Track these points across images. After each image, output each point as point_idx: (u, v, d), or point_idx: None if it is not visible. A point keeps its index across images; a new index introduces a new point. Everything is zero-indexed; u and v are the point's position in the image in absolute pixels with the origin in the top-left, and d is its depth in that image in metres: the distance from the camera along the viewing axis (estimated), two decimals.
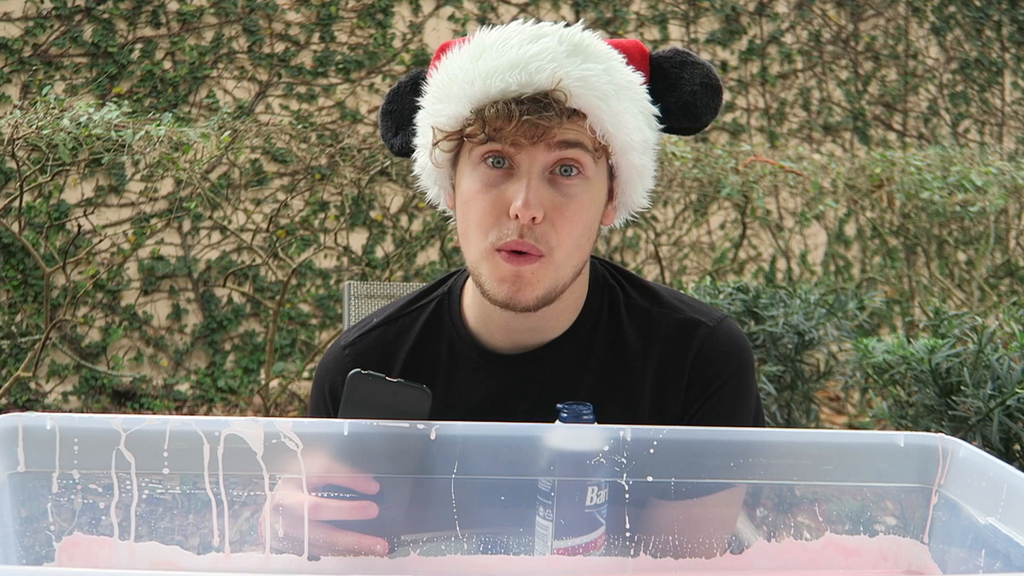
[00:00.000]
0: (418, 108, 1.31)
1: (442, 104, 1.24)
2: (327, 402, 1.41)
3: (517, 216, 1.20)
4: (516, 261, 1.23)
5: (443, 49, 1.31)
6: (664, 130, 1.32)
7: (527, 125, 1.18)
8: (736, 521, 1.18)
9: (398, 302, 1.44)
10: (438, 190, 1.34)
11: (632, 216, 1.38)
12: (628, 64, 1.27)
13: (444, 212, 1.38)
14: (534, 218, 1.21)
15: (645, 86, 1.28)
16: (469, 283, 1.38)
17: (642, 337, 1.37)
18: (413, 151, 1.34)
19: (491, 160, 1.23)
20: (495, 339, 1.36)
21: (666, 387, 1.35)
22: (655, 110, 1.29)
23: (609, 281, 1.40)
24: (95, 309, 4.44)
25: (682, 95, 1.31)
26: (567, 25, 1.26)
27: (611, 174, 1.29)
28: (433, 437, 1.08)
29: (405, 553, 1.09)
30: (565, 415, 1.13)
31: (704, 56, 5.52)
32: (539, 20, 1.28)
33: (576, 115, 1.20)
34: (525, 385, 1.35)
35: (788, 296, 2.83)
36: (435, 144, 1.26)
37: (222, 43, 4.67)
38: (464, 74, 1.22)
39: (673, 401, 1.35)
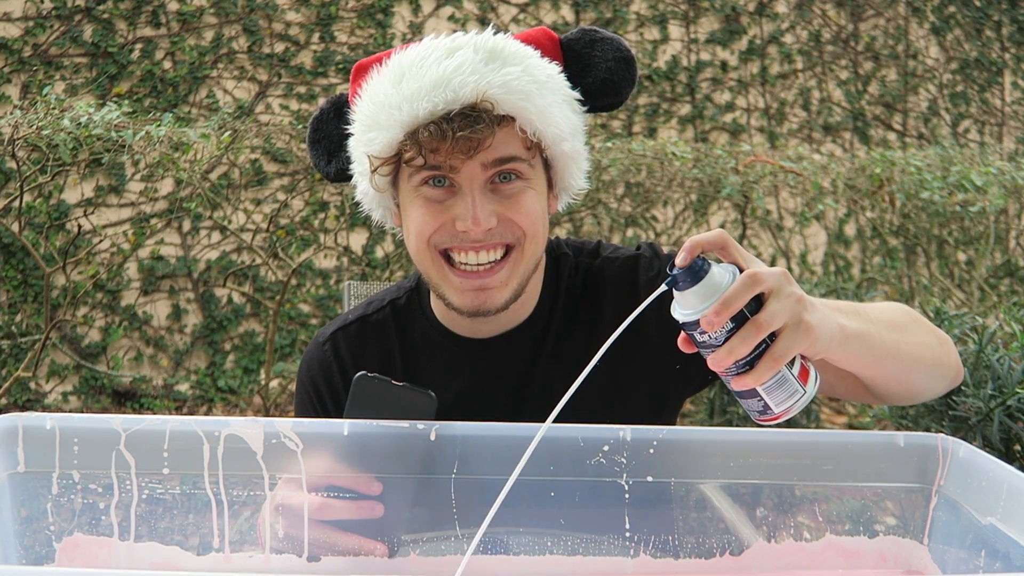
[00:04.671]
0: (344, 134, 1.33)
1: (373, 132, 1.26)
2: (311, 398, 1.42)
3: (465, 231, 1.24)
4: (476, 276, 1.27)
5: (359, 71, 1.32)
6: (588, 110, 1.34)
7: (461, 141, 1.21)
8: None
9: (371, 299, 1.48)
10: (383, 211, 1.37)
11: (573, 198, 1.41)
12: (543, 56, 1.29)
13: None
14: (490, 229, 1.25)
15: (562, 73, 1.31)
16: None
17: (593, 289, 1.41)
18: (349, 177, 1.37)
19: (432, 181, 1.26)
20: (463, 330, 1.39)
21: (629, 329, 1.37)
22: (576, 94, 1.32)
23: (563, 250, 1.44)
24: (95, 309, 4.44)
25: (598, 73, 1.33)
26: (479, 32, 1.28)
27: (547, 165, 1.32)
28: (433, 438, 1.08)
29: (405, 553, 1.09)
30: (681, 282, 0.99)
31: (704, 56, 5.53)
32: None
33: (506, 119, 1.23)
34: (503, 365, 1.38)
35: None
36: (374, 171, 1.28)
37: (222, 43, 4.67)
38: (389, 100, 1.24)
39: (642, 326, 1.35)
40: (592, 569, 1.10)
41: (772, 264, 5.05)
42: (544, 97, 1.25)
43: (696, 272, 0.98)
